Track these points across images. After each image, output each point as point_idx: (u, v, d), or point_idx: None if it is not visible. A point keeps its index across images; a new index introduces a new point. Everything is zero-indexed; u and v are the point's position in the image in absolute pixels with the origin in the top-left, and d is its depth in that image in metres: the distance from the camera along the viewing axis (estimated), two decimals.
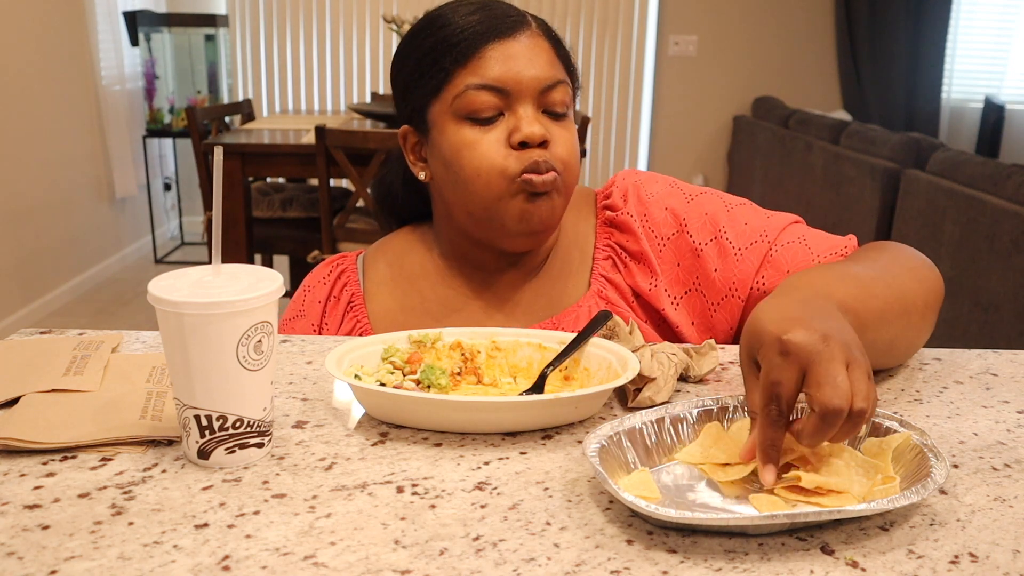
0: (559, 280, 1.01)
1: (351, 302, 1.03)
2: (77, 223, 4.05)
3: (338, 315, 1.03)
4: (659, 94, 5.09)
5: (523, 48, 0.91)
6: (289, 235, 3.18)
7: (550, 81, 0.92)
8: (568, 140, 0.93)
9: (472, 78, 0.90)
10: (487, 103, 0.90)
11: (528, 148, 0.90)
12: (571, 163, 0.93)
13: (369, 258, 1.06)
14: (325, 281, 1.04)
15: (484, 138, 0.91)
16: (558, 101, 0.93)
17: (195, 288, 0.62)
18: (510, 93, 0.90)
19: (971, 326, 2.52)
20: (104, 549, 0.54)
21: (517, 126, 0.90)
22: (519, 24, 0.92)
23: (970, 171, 2.65)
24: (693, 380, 0.83)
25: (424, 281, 1.03)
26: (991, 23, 5.16)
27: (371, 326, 1.01)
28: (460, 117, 0.91)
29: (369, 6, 4.89)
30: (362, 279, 1.04)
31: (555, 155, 0.92)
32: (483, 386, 0.81)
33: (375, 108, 3.21)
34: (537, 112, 0.92)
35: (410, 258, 1.04)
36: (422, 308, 1.01)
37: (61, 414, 0.70)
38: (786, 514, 0.55)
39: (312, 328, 1.03)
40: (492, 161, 0.90)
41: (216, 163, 0.64)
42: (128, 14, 4.47)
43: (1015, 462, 0.68)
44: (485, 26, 0.91)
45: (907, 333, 0.83)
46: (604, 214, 1.03)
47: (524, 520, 0.58)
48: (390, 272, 1.04)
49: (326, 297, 1.03)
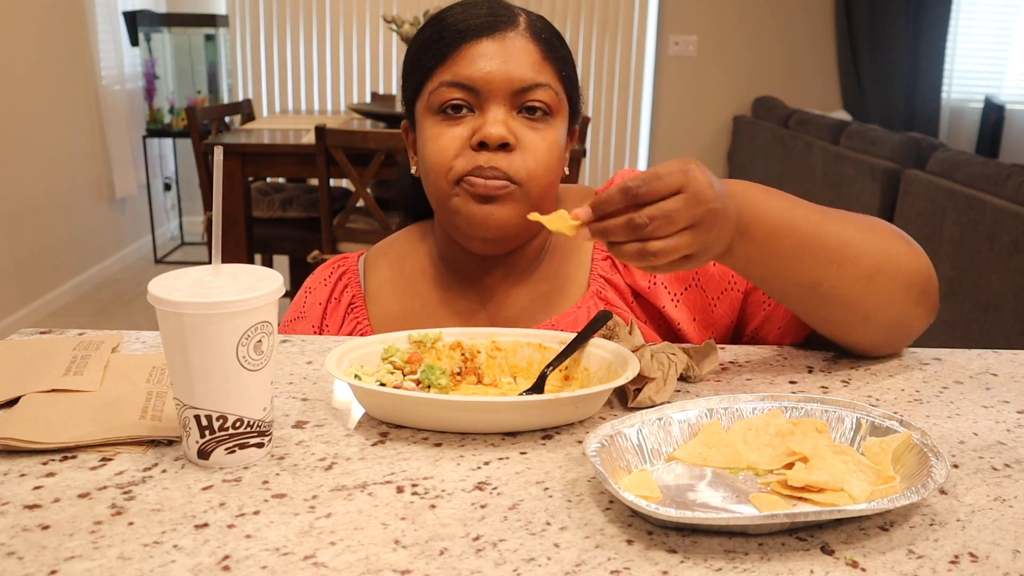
0: (556, 281, 1.01)
1: (352, 304, 1.03)
2: (77, 223, 4.06)
3: (339, 317, 1.02)
4: (659, 94, 5.09)
5: (501, 47, 0.90)
6: (289, 235, 3.18)
7: (526, 83, 0.90)
8: (539, 148, 0.91)
9: (446, 75, 0.91)
10: (456, 99, 0.90)
11: (486, 150, 0.89)
12: (537, 172, 0.91)
13: (370, 259, 1.06)
14: (326, 283, 1.04)
15: (448, 132, 0.91)
16: (536, 104, 0.90)
17: (195, 288, 0.62)
18: (480, 92, 0.90)
19: (971, 326, 2.52)
20: (104, 549, 0.54)
21: (480, 126, 0.90)
22: (503, 24, 0.91)
23: (970, 171, 2.65)
24: (693, 380, 0.83)
25: (423, 283, 1.02)
26: (991, 23, 5.17)
27: (372, 328, 1.01)
28: (433, 112, 0.92)
29: (369, 6, 4.89)
30: (363, 280, 1.04)
31: (517, 163, 0.90)
32: (483, 386, 0.81)
33: (375, 108, 3.21)
34: (509, 114, 0.90)
35: (411, 259, 1.04)
36: (423, 311, 1.01)
37: (61, 414, 0.70)
38: (786, 514, 0.55)
39: (312, 330, 1.03)
40: (443, 158, 0.90)
41: (216, 163, 0.64)
42: (128, 14, 4.47)
43: (1015, 462, 0.68)
44: (467, 24, 0.91)
45: (849, 287, 0.80)
46: None
47: (524, 520, 0.58)
48: (391, 274, 1.04)
49: (327, 299, 1.03)
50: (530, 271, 1.01)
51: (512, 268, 1.00)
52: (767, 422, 0.69)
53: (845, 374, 0.87)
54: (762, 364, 0.89)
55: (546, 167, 0.92)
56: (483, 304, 1.01)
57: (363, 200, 2.71)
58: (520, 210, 0.91)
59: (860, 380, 0.85)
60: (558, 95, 0.93)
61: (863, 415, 0.69)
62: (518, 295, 1.01)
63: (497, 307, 1.01)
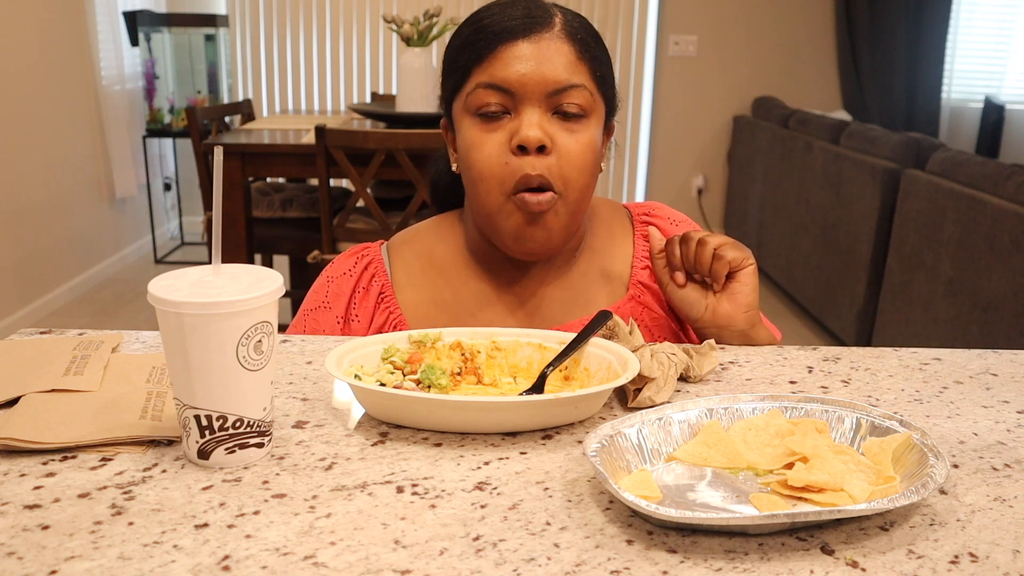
0: (595, 283, 1.03)
1: (382, 293, 1.03)
2: (77, 223, 4.05)
3: (369, 307, 1.02)
4: (659, 94, 5.09)
5: (536, 49, 0.91)
6: (289, 235, 3.18)
7: (560, 84, 0.91)
8: (573, 151, 0.92)
9: (483, 77, 0.92)
10: (493, 102, 0.92)
11: (526, 153, 0.91)
12: (572, 177, 0.93)
13: (394, 248, 1.07)
14: (351, 273, 1.04)
15: (489, 139, 0.92)
16: (571, 105, 0.92)
17: (195, 288, 0.62)
18: (515, 94, 0.91)
19: (971, 326, 2.52)
20: (104, 549, 0.54)
21: (518, 129, 0.91)
22: (539, 25, 0.92)
23: (970, 171, 2.65)
24: (693, 380, 0.83)
25: (455, 274, 1.04)
26: (991, 23, 5.17)
27: (404, 317, 1.02)
28: (472, 114, 0.94)
29: (369, 6, 4.89)
30: (389, 270, 1.05)
31: (555, 168, 0.92)
32: (483, 386, 0.81)
33: (375, 108, 3.21)
34: (545, 115, 0.92)
35: (440, 249, 1.05)
36: (455, 302, 1.02)
37: (61, 414, 0.70)
38: (786, 514, 0.55)
39: (337, 321, 1.02)
40: (492, 167, 0.92)
41: (216, 163, 0.64)
42: (128, 14, 4.47)
43: (1015, 462, 0.68)
44: (503, 26, 0.92)
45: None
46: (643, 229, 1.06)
47: (524, 520, 0.58)
48: (419, 264, 1.05)
49: (352, 289, 1.03)
50: (567, 268, 1.03)
51: (548, 264, 1.02)
52: (767, 422, 0.69)
53: (845, 374, 0.87)
54: (762, 364, 0.89)
55: (580, 170, 0.93)
56: (517, 296, 1.02)
57: (363, 200, 2.70)
58: (562, 221, 0.95)
59: (860, 380, 0.85)
60: (592, 95, 0.94)
61: (863, 415, 0.69)
62: (554, 290, 1.02)
63: (530, 299, 1.02)
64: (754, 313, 0.97)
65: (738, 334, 0.97)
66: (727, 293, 0.96)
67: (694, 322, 0.98)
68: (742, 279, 0.95)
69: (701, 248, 0.95)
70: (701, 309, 0.97)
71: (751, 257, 0.96)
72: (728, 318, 0.96)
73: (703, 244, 0.95)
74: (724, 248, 0.94)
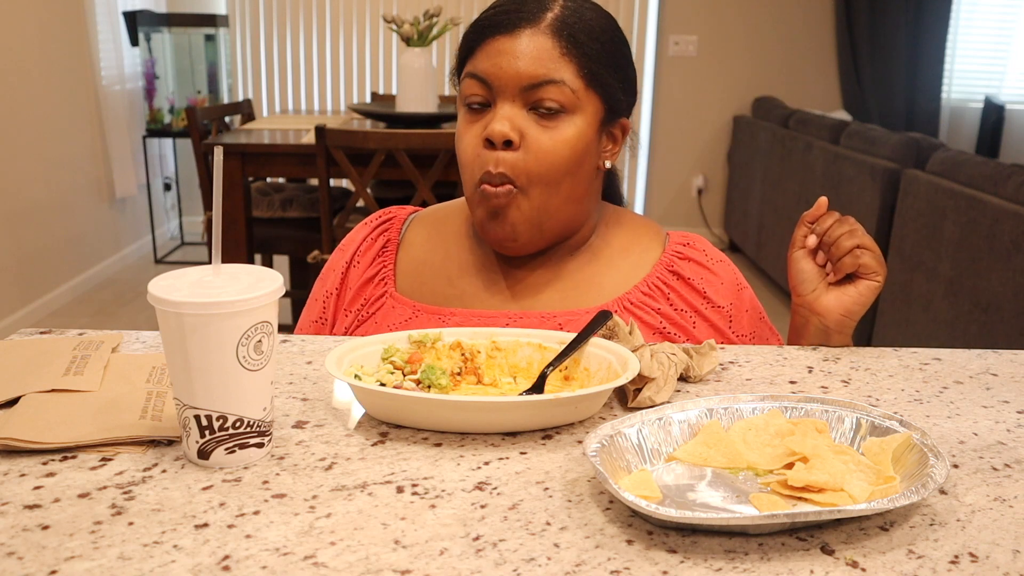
0: (581, 284, 1.02)
1: (385, 247, 1.07)
2: (77, 223, 4.05)
3: (370, 256, 1.06)
4: (659, 94, 5.09)
5: (517, 44, 0.92)
6: (289, 235, 3.18)
7: (535, 79, 0.91)
8: (546, 146, 0.92)
9: (470, 67, 0.96)
10: (476, 93, 0.95)
11: (494, 147, 0.93)
12: (539, 173, 0.93)
13: (418, 217, 1.11)
14: (370, 223, 1.09)
15: (469, 130, 0.96)
16: (548, 101, 0.91)
17: (195, 288, 0.62)
18: (492, 87, 0.93)
19: (971, 326, 2.52)
20: (104, 549, 0.54)
21: (489, 122, 0.93)
22: (524, 20, 0.92)
23: (970, 171, 2.65)
24: (693, 380, 0.83)
25: (453, 242, 1.06)
26: (991, 23, 5.17)
27: (393, 273, 1.05)
28: (463, 104, 0.97)
29: (369, 6, 4.89)
30: (404, 231, 1.09)
31: (520, 163, 0.92)
32: (483, 386, 0.81)
33: (375, 108, 3.21)
34: (521, 111, 0.93)
35: (453, 220, 1.08)
36: (441, 266, 1.04)
37: (61, 414, 0.70)
38: (786, 514, 0.55)
39: (343, 260, 1.06)
40: (468, 157, 0.96)
41: (216, 163, 0.64)
42: (128, 14, 4.47)
43: (1015, 462, 0.68)
44: (491, 21, 0.94)
45: None
46: (674, 259, 1.03)
47: (524, 520, 0.58)
48: (429, 231, 1.08)
49: (365, 236, 1.08)
50: (559, 262, 1.02)
51: (540, 252, 1.02)
52: (767, 422, 0.69)
53: (845, 374, 0.87)
54: (762, 364, 0.89)
55: (550, 167, 0.93)
56: (499, 273, 1.03)
57: (363, 200, 2.70)
58: (525, 215, 0.95)
59: (860, 380, 0.85)
60: (575, 92, 0.92)
61: (863, 415, 0.69)
62: (535, 277, 1.02)
63: (508, 278, 1.03)
64: (850, 323, 0.97)
65: (823, 331, 0.97)
66: (839, 289, 0.96)
67: (798, 296, 0.99)
68: (860, 286, 0.96)
69: (847, 236, 0.95)
70: (810, 288, 0.98)
71: (882, 275, 0.96)
72: (826, 311, 0.96)
73: (851, 235, 0.95)
74: (864, 250, 0.95)
